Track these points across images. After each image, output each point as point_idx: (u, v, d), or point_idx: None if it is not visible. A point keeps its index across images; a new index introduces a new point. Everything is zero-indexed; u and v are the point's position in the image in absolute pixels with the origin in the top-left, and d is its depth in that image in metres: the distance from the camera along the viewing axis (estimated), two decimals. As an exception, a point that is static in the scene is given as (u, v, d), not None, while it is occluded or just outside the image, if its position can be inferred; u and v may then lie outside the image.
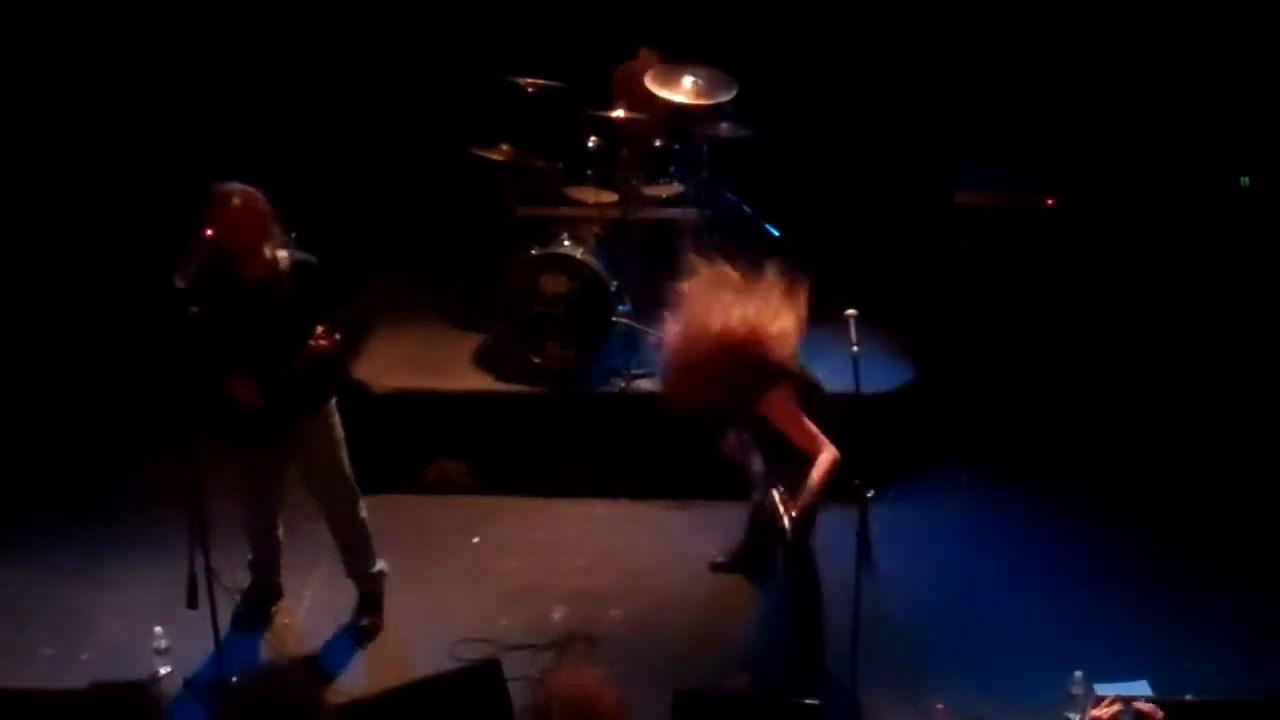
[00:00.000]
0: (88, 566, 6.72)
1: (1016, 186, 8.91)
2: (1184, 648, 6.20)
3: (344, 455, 6.38)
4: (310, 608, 6.76)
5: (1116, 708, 4.53)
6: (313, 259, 6.11)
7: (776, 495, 5.51)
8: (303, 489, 6.51)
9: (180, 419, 5.77)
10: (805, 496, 5.50)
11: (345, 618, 6.66)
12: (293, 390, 5.99)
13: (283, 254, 6.02)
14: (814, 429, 5.62)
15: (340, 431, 6.35)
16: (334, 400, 6.33)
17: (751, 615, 6.41)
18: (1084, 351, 8.66)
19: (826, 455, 5.57)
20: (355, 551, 6.56)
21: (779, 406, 5.64)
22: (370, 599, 6.62)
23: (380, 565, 6.64)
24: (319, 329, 5.88)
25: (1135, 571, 6.98)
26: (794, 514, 5.47)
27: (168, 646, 6.17)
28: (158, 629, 6.19)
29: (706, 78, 8.03)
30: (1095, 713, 4.56)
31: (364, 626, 6.54)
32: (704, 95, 7.99)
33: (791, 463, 5.67)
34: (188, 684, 6.07)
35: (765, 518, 5.68)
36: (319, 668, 6.16)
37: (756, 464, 6.11)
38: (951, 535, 7.36)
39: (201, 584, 5.65)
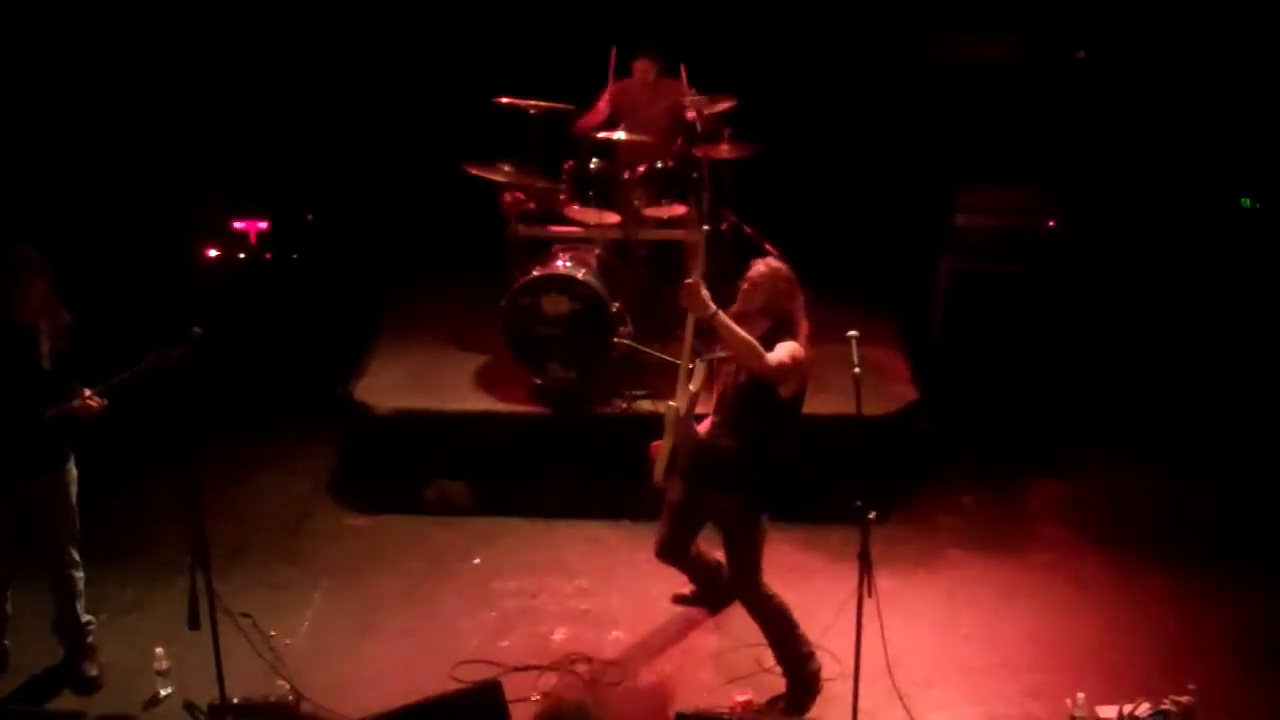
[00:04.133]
0: (89, 588, 6.67)
1: (1018, 208, 8.92)
2: (1187, 668, 6.18)
3: (74, 526, 6.24)
4: (311, 629, 6.74)
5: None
6: (70, 318, 6.02)
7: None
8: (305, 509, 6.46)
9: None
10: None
11: (346, 639, 6.65)
12: (30, 446, 5.93)
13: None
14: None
15: (74, 500, 6.23)
16: (72, 462, 6.22)
17: (753, 636, 6.39)
18: (1084, 372, 8.67)
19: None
20: (63, 612, 6.35)
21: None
22: (80, 650, 6.41)
23: (89, 616, 6.43)
24: (87, 391, 5.88)
25: (1138, 592, 6.97)
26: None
27: (169, 667, 6.18)
28: (159, 650, 6.20)
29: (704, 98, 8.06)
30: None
31: (90, 677, 6.33)
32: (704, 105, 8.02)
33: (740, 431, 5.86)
34: (188, 705, 6.05)
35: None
36: (320, 690, 6.14)
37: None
38: (952, 556, 7.35)
39: (203, 605, 5.64)
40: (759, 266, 5.95)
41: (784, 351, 5.70)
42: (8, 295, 5.75)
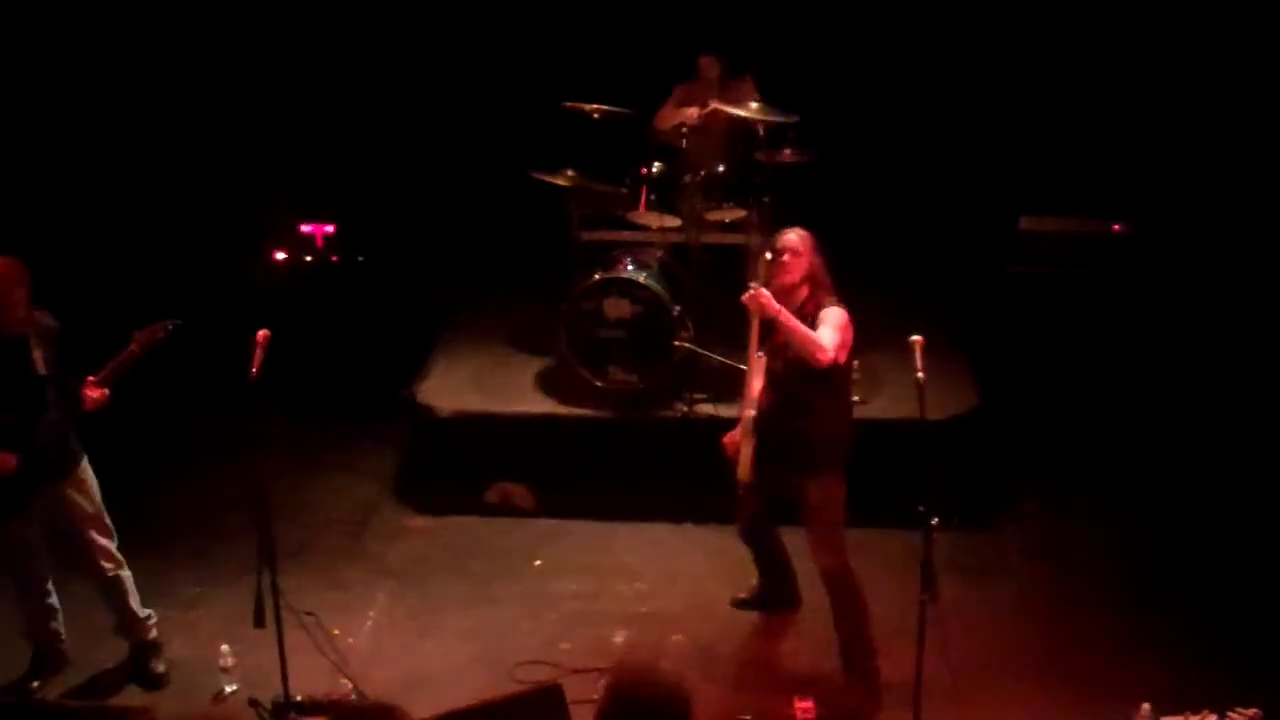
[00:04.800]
0: (155, 584, 6.78)
1: (1083, 212, 8.83)
2: (1256, 681, 6.09)
3: (103, 523, 6.24)
4: (373, 629, 6.79)
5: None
6: (55, 322, 6.03)
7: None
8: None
9: None
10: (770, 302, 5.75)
11: (408, 639, 6.70)
12: (45, 453, 5.97)
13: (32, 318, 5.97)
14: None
15: (98, 496, 6.23)
16: (85, 460, 6.21)
17: (814, 639, 6.37)
18: (1151, 380, 8.56)
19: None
20: (119, 612, 6.38)
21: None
22: (145, 647, 6.46)
23: (148, 611, 6.45)
24: (90, 379, 5.91)
25: (1205, 601, 6.88)
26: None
27: (234, 664, 6.24)
28: (224, 647, 6.27)
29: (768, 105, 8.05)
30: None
31: (157, 674, 6.39)
32: (768, 114, 8.01)
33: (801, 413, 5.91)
34: (253, 702, 6.11)
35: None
36: (382, 689, 6.18)
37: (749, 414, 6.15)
38: (1016, 563, 7.29)
39: (268, 603, 5.70)
40: (790, 236, 6.02)
41: (836, 327, 5.79)
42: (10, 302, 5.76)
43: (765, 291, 5.76)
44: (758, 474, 6.13)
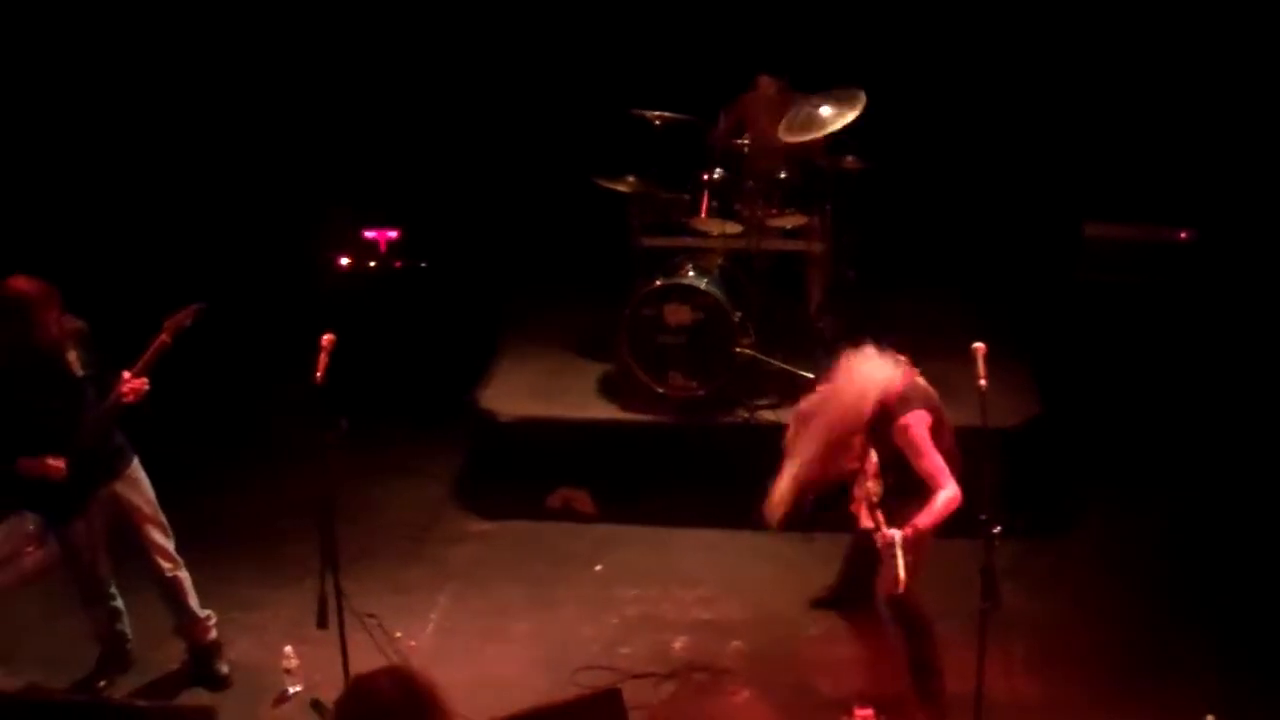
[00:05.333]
0: (219, 586, 6.86)
1: (1149, 219, 8.75)
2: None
3: (160, 522, 6.30)
4: (435, 631, 6.84)
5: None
6: (81, 322, 6.08)
7: (897, 538, 5.44)
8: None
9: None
10: (922, 526, 5.46)
11: (470, 643, 6.74)
12: (92, 453, 6.02)
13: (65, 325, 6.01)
14: (942, 462, 5.59)
15: (152, 495, 6.28)
16: (136, 460, 6.27)
17: (873, 648, 6.35)
18: (1216, 389, 8.47)
19: (949, 491, 5.53)
20: (179, 613, 6.44)
21: (913, 431, 5.61)
22: (207, 648, 6.52)
23: (207, 611, 6.49)
24: (125, 373, 5.95)
25: (1272, 613, 6.78)
26: (908, 562, 5.41)
27: (297, 666, 6.30)
28: (287, 648, 6.33)
29: (835, 99, 7.98)
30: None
31: (221, 675, 6.45)
32: (841, 114, 7.94)
33: (912, 495, 5.63)
34: (315, 704, 6.18)
35: (880, 558, 5.61)
36: (442, 692, 6.21)
37: (874, 488, 6.02)
38: (1079, 572, 7.23)
39: (331, 605, 5.76)
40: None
41: (928, 455, 5.61)
42: (24, 330, 5.80)
43: (891, 535, 5.49)
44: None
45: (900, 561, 5.38)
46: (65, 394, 5.96)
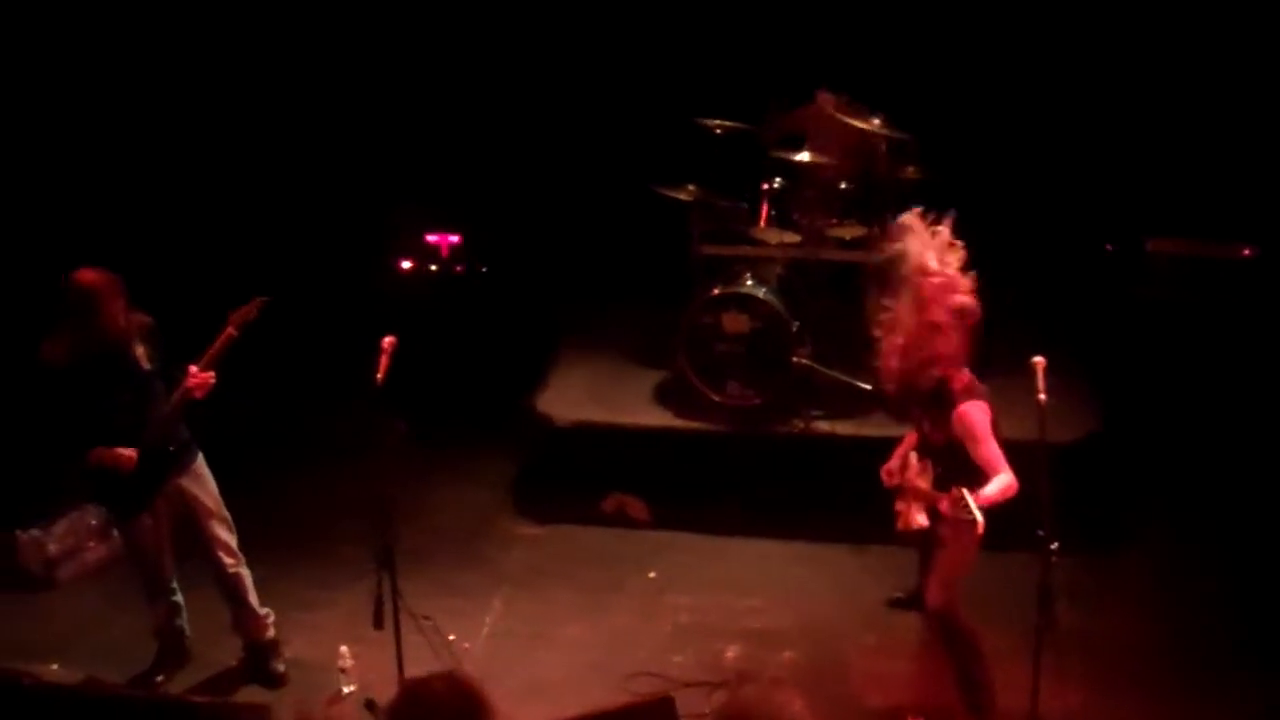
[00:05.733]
0: (278, 585, 6.92)
1: (1211, 235, 8.66)
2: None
3: (224, 517, 6.35)
4: (489, 634, 6.88)
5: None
6: (149, 317, 6.15)
7: (965, 491, 5.42)
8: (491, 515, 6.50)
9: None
10: (985, 498, 5.43)
11: (523, 646, 6.78)
12: (161, 446, 6.10)
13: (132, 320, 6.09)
14: (1000, 451, 5.57)
15: (216, 491, 6.34)
16: (201, 456, 6.33)
17: (926, 660, 6.32)
18: (1276, 406, 8.36)
19: (1007, 476, 5.53)
20: (239, 610, 6.51)
21: (973, 417, 5.60)
22: (265, 646, 6.57)
23: (266, 609, 6.56)
24: (191, 367, 6.01)
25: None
26: (979, 504, 5.39)
27: (352, 666, 6.35)
28: (343, 648, 6.37)
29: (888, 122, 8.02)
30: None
31: (278, 673, 6.51)
32: (889, 129, 7.97)
33: (968, 485, 5.60)
34: (369, 703, 6.22)
35: (949, 518, 5.57)
36: (495, 695, 6.23)
37: (925, 483, 5.99)
38: (1135, 589, 7.16)
39: (387, 606, 5.81)
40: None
41: (986, 441, 5.59)
42: (95, 322, 5.88)
43: (959, 491, 5.44)
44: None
45: (976, 510, 5.33)
46: (133, 388, 6.05)
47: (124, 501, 6.20)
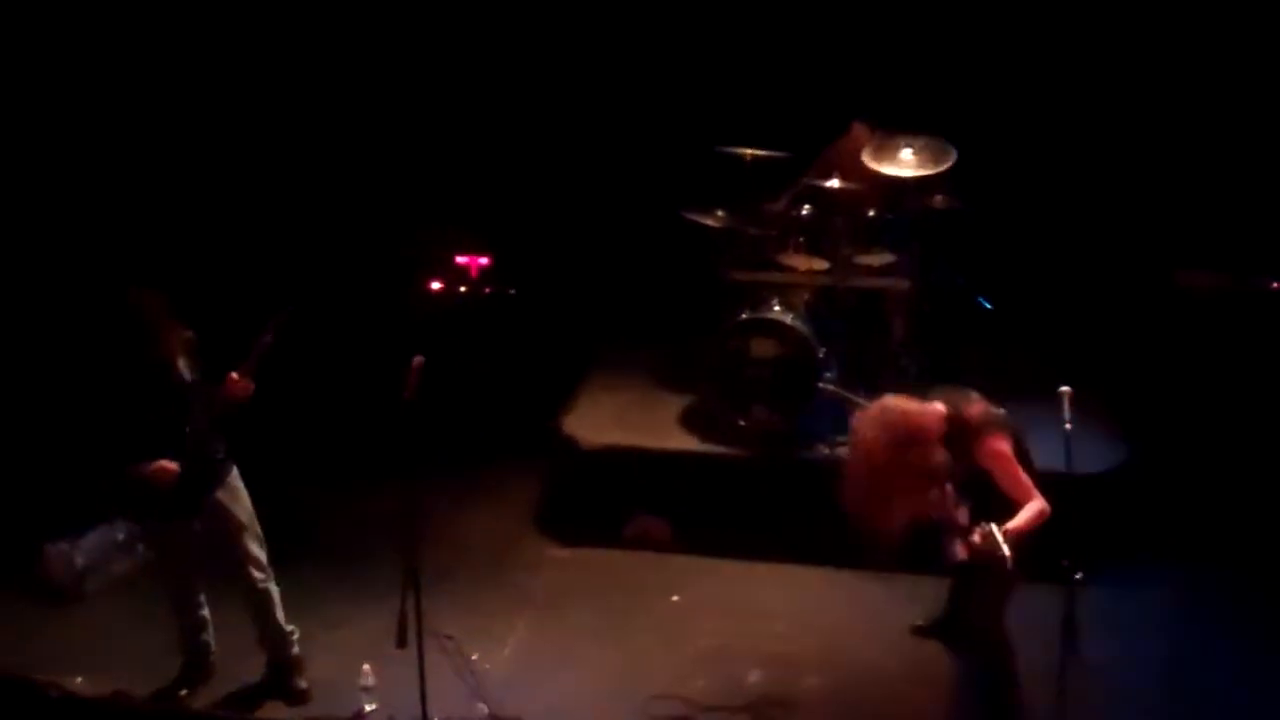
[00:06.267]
0: (302, 602, 6.94)
1: (1240, 268, 8.64)
2: None
3: (256, 531, 6.39)
4: (511, 655, 6.88)
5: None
6: (190, 331, 6.21)
7: (994, 527, 5.42)
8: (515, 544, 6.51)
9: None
10: (1014, 530, 5.43)
11: (545, 668, 6.77)
12: (202, 458, 6.14)
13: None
14: (1028, 479, 5.57)
15: (249, 505, 6.38)
16: (235, 469, 6.37)
17: (949, 689, 6.31)
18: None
19: (1038, 503, 5.51)
20: (265, 625, 6.53)
21: (997, 453, 5.59)
22: (288, 662, 6.59)
23: (292, 626, 6.57)
24: (232, 375, 6.08)
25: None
26: (1010, 539, 5.38)
27: (374, 684, 6.34)
28: (365, 666, 6.37)
29: (924, 147, 8.02)
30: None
31: (300, 689, 6.53)
32: (923, 165, 7.98)
33: (998, 518, 5.59)
34: (390, 722, 6.24)
35: (979, 553, 5.57)
36: (516, 715, 6.26)
37: (962, 516, 5.98)
38: (1164, 625, 7.11)
39: (411, 625, 5.82)
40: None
41: (1023, 480, 5.59)
42: (145, 338, 5.95)
43: (988, 526, 5.44)
44: None
45: (1004, 545, 5.32)
46: (175, 402, 6.10)
47: (163, 511, 6.22)
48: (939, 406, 5.67)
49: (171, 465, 6.04)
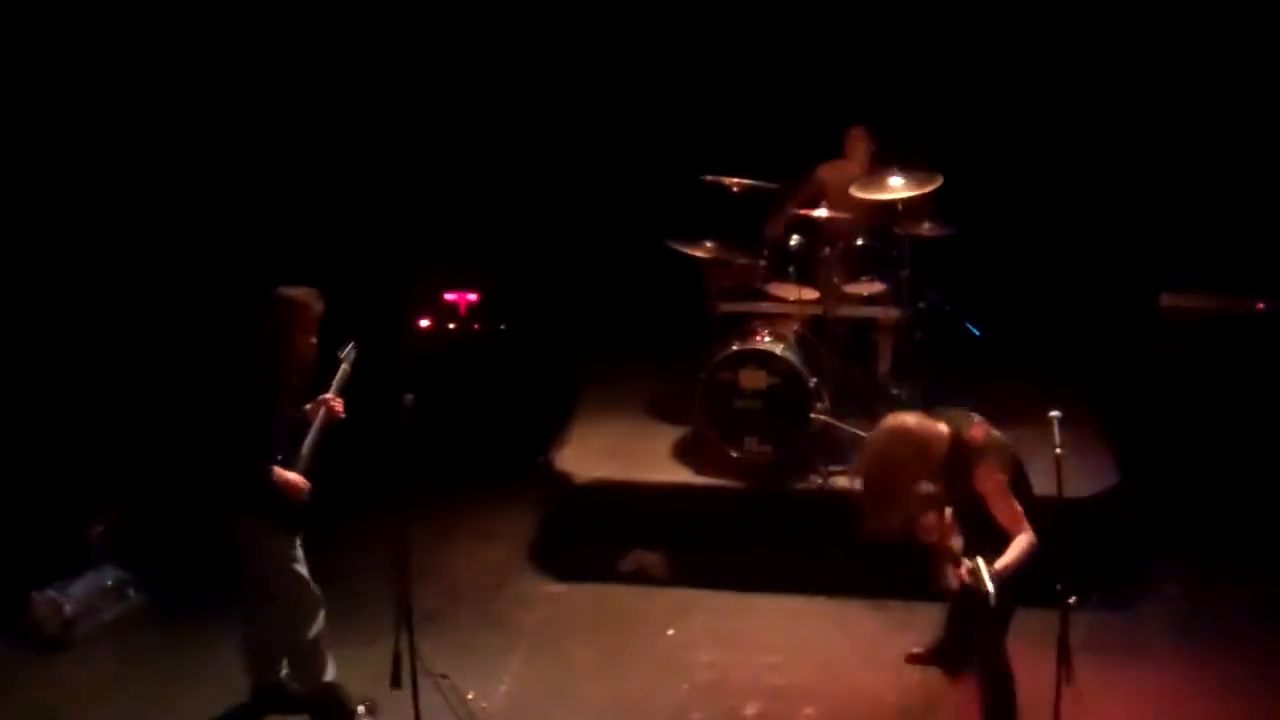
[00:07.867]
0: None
1: (1226, 289, 8.68)
2: None
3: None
4: (507, 693, 6.85)
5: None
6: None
7: (981, 561, 5.44)
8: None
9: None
10: (1002, 568, 5.44)
11: (541, 705, 6.75)
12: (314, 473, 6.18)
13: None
14: (1019, 510, 5.58)
15: None
16: None
17: (949, 717, 6.29)
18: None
19: (1026, 536, 5.53)
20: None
21: (991, 481, 5.60)
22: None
23: (330, 673, 6.49)
24: (327, 397, 6.19)
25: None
26: (996, 578, 5.39)
27: (369, 724, 6.34)
28: (360, 707, 6.38)
29: (912, 173, 8.06)
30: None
31: None
32: (910, 187, 8.01)
33: (993, 545, 5.60)
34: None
35: (967, 585, 5.58)
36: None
37: (956, 543, 5.99)
38: (1155, 646, 7.11)
39: (405, 664, 5.80)
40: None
41: (1007, 509, 5.61)
42: (287, 340, 6.06)
43: (975, 562, 5.50)
44: None
45: (989, 582, 5.36)
46: (299, 412, 6.19)
47: (294, 521, 6.20)
48: (943, 427, 5.68)
49: (304, 481, 6.07)
